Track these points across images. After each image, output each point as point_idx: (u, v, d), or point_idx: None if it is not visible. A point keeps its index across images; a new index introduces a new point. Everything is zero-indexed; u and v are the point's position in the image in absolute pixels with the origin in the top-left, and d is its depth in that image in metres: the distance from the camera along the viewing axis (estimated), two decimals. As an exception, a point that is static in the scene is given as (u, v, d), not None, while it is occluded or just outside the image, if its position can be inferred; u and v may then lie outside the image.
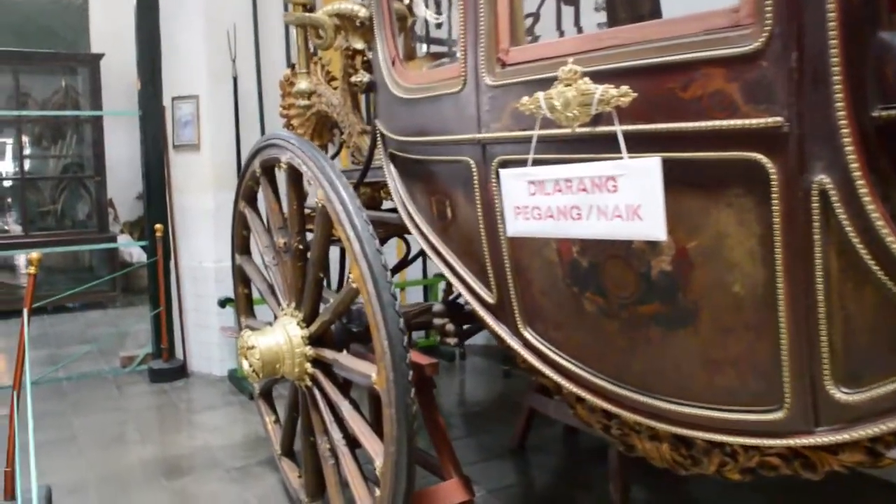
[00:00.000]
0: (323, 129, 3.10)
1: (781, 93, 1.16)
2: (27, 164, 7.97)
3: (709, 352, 1.37)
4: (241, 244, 3.00)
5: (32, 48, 7.97)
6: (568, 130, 1.40)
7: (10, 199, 8.13)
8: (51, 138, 8.24)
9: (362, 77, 2.35)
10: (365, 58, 2.57)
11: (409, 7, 2.40)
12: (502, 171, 1.54)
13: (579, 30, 2.97)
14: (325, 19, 2.37)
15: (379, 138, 2.29)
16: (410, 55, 2.32)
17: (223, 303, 4.46)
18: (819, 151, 1.15)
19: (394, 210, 2.59)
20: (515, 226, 1.54)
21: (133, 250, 8.01)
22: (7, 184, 8.17)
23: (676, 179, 1.29)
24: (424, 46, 2.58)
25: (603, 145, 1.37)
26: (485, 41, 1.61)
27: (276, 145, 2.38)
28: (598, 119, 1.36)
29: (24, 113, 7.46)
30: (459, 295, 2.02)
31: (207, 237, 4.66)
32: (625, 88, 1.29)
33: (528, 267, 1.70)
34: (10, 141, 8.09)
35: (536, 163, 1.47)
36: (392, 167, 2.24)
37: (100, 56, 7.79)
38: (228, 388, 4.47)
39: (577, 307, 1.60)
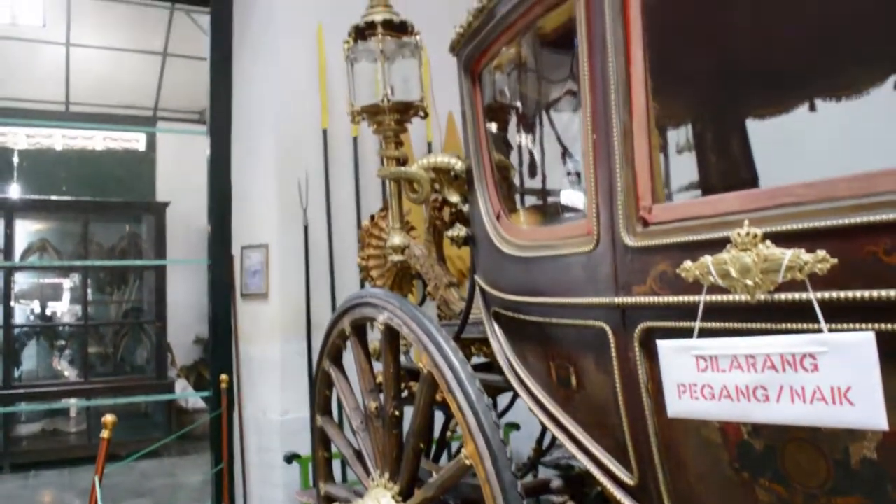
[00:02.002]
0: (403, 281, 2.98)
1: None
2: (90, 309, 8.06)
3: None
4: (322, 404, 2.81)
5: (102, 197, 8.29)
6: (742, 298, 1.22)
7: (70, 344, 8.17)
8: (114, 283, 8.40)
9: (459, 231, 2.23)
10: (454, 209, 2.47)
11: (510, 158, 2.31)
12: (662, 344, 1.35)
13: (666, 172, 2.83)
14: (420, 173, 2.29)
15: (479, 294, 2.14)
16: (512, 208, 2.20)
17: (289, 458, 4.22)
18: None
19: (485, 366, 2.41)
20: (679, 406, 1.33)
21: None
22: (68, 329, 8.25)
23: (888, 355, 1.09)
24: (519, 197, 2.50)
25: (786, 314, 1.19)
26: (622, 198, 1.47)
27: (370, 304, 2.24)
28: (781, 286, 1.18)
29: (96, 263, 7.60)
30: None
31: (273, 388, 4.50)
32: (822, 254, 1.11)
33: (681, 447, 1.47)
34: (74, 285, 8.24)
35: (702, 333, 1.28)
36: (496, 326, 2.07)
37: (165, 204, 8.03)
38: (294, 551, 4.15)
39: (749, 496, 1.36)
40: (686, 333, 1.32)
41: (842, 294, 1.12)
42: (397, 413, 2.17)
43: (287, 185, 4.50)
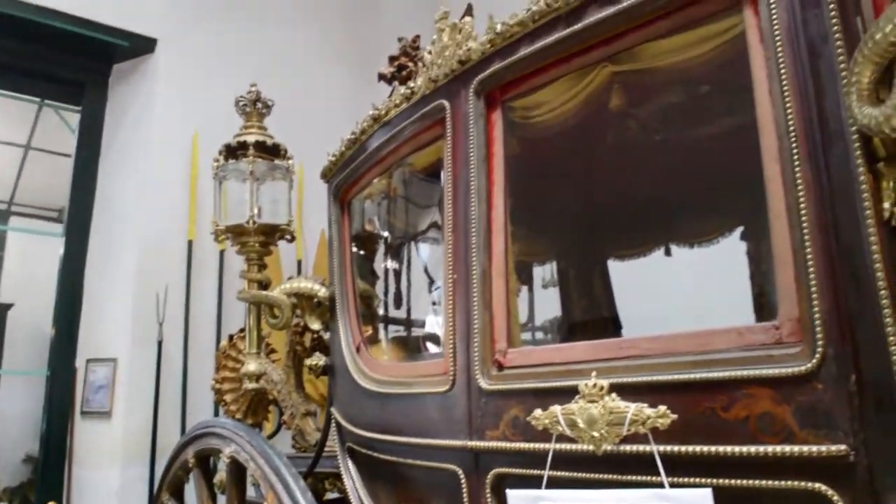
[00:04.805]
0: (258, 407, 2.82)
1: (843, 419, 1.03)
2: None
3: None
4: (158, 543, 2.56)
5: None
6: (589, 448, 1.22)
7: None
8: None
9: (318, 360, 2.16)
10: (315, 335, 2.40)
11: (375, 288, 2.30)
12: (511, 493, 1.33)
13: (531, 306, 2.92)
14: (282, 298, 2.23)
15: (334, 427, 2.05)
16: (374, 339, 2.17)
17: None
18: (893, 482, 1.01)
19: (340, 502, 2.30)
20: (528, 559, 1.29)
21: (11, 525, 7.03)
22: None
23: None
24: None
25: (631, 466, 1.20)
26: (478, 340, 1.48)
27: (217, 434, 2.10)
28: (626, 438, 1.19)
29: None
30: None
31: (108, 520, 4.07)
32: (663, 409, 1.14)
33: None
34: None
35: (551, 482, 1.27)
36: (350, 462, 1.99)
37: (8, 306, 7.41)
38: None
39: None
40: (537, 481, 1.31)
41: (682, 448, 1.15)
42: (238, 555, 2.00)
43: (144, 295, 4.25)
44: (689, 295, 3.25)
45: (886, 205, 1.03)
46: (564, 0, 1.44)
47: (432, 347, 2.30)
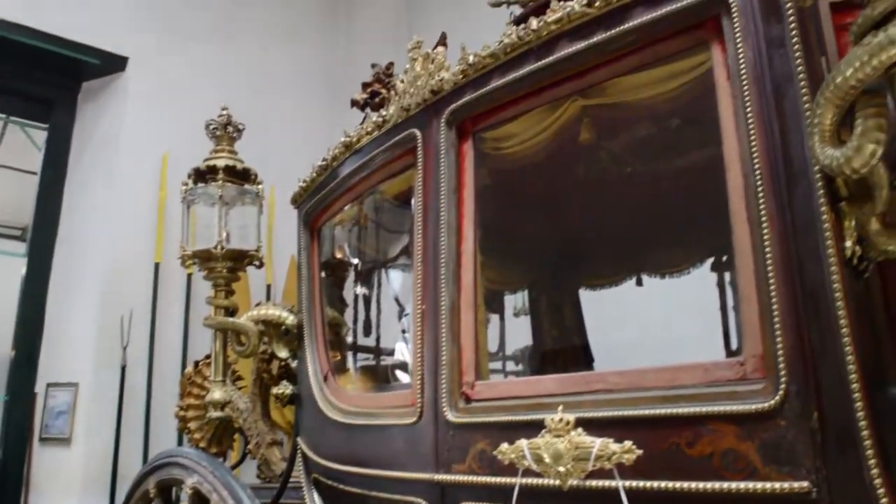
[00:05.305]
0: (223, 436, 2.76)
1: (805, 456, 1.04)
2: None
3: None
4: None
5: None
6: (554, 483, 1.21)
7: None
8: None
9: (285, 389, 2.13)
10: (282, 363, 2.37)
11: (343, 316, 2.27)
12: (476, 529, 1.31)
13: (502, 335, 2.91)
14: (248, 326, 2.19)
15: (300, 457, 2.02)
16: (342, 368, 2.14)
17: None
18: (855, 519, 1.01)
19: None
20: None
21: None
22: None
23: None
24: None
25: (596, 501, 1.19)
26: (446, 372, 1.47)
27: (180, 464, 2.05)
28: (592, 472, 1.19)
29: None
30: None
31: (66, 552, 3.95)
32: (628, 444, 1.14)
33: None
34: None
35: (516, 518, 1.26)
36: (315, 494, 1.95)
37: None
38: None
39: None
40: (503, 516, 1.29)
41: (647, 484, 1.15)
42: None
43: (108, 318, 4.16)
44: (660, 324, 3.28)
45: (848, 243, 1.05)
46: (536, 34, 1.45)
47: (402, 376, 2.27)
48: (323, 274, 2.19)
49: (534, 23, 1.45)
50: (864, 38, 0.94)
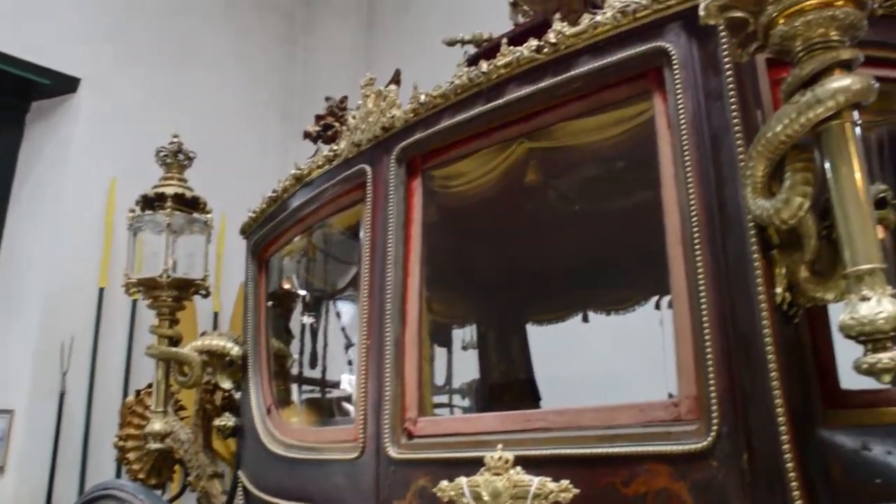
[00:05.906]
0: (163, 467, 2.69)
1: (735, 496, 1.06)
2: None
3: None
4: None
5: None
6: (495, 523, 1.22)
7: None
8: None
9: (228, 421, 2.09)
10: (226, 394, 2.33)
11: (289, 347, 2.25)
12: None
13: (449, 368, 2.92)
14: (192, 356, 2.16)
15: (241, 491, 1.98)
16: (286, 401, 2.12)
17: None
18: (782, 563, 1.04)
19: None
20: None
21: None
22: None
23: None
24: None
25: (536, 538, 1.20)
26: (389, 407, 1.46)
27: (116, 497, 2.00)
28: (530, 510, 1.20)
29: None
30: None
31: None
32: (565, 483, 1.15)
33: None
34: None
35: (455, 557, 1.25)
36: (256, 529, 1.91)
37: None
38: None
39: None
40: (442, 554, 1.29)
41: (582, 524, 1.16)
42: None
43: (48, 343, 4.03)
44: (605, 359, 3.32)
45: (779, 290, 1.09)
46: (486, 76, 1.48)
47: (348, 408, 2.26)
48: (270, 304, 2.18)
49: (484, 65, 1.48)
50: (794, 97, 0.99)
